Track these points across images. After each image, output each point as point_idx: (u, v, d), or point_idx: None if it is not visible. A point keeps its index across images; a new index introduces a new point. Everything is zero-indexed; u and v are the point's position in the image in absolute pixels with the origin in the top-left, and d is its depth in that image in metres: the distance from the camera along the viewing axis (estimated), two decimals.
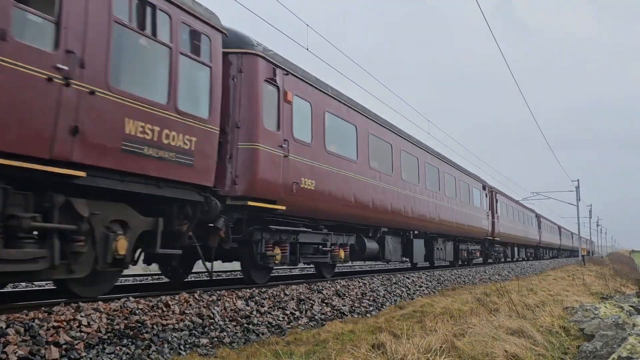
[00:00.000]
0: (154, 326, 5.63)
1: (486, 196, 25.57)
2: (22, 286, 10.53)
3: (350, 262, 13.39)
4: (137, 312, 5.80)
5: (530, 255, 41.38)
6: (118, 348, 5.00)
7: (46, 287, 10.24)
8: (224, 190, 8.27)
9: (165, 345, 5.40)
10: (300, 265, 11.72)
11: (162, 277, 12.85)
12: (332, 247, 11.47)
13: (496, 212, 26.91)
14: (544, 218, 46.56)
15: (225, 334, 6.22)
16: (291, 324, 7.34)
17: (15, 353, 4.30)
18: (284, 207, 9.35)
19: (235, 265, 17.87)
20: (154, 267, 11.16)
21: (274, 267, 10.20)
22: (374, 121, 13.48)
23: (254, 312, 7.16)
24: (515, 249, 35.10)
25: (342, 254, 11.90)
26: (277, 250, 9.60)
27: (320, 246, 11.07)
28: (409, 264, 18.47)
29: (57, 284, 6.76)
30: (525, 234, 36.08)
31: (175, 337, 5.63)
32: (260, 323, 6.90)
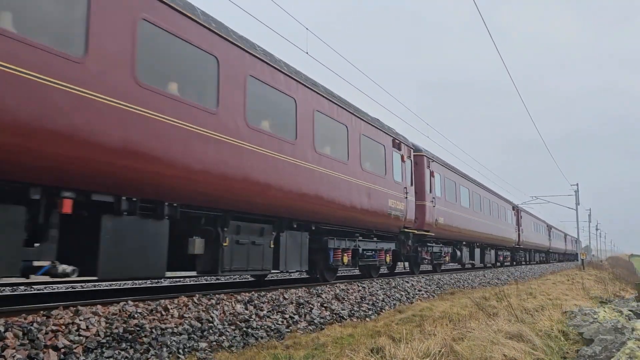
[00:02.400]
0: (153, 330, 5.62)
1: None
2: (21, 289, 10.51)
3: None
4: (136, 315, 5.80)
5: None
6: (117, 352, 4.99)
7: (46, 291, 10.23)
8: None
9: (164, 349, 5.39)
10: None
11: (161, 281, 12.86)
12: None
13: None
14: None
15: (224, 337, 6.21)
16: (290, 327, 7.33)
17: (14, 357, 4.29)
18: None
19: None
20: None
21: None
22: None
23: (253, 316, 7.15)
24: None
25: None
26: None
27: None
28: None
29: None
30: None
31: (174, 340, 5.62)
32: (259, 327, 6.89)
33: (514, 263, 34.99)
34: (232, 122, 7.86)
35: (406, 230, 14.97)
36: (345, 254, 11.75)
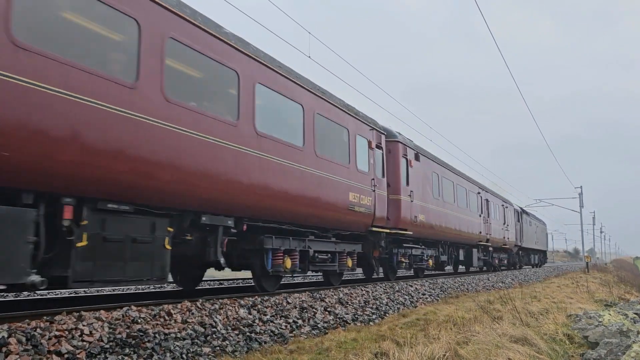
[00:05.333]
0: (156, 335, 5.61)
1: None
2: (24, 295, 10.52)
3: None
4: (139, 320, 5.79)
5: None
6: (120, 357, 4.98)
7: (49, 296, 10.24)
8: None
9: (168, 354, 5.38)
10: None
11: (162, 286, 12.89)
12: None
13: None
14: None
15: (227, 342, 6.19)
16: (294, 332, 7.31)
17: None
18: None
19: (237, 274, 17.85)
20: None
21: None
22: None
23: (257, 321, 7.14)
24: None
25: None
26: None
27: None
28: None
29: None
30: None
31: (178, 346, 5.61)
32: (262, 331, 6.87)
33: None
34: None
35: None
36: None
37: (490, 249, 25.92)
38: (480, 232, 23.18)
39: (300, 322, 7.75)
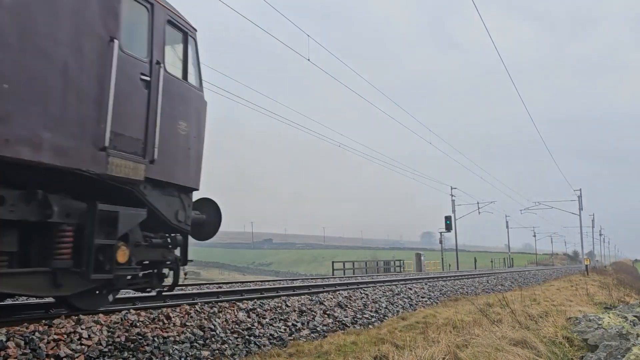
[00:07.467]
0: (155, 338, 5.60)
1: None
2: (23, 298, 10.49)
3: None
4: (137, 324, 5.78)
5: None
6: None
7: (47, 300, 10.19)
8: None
9: (167, 358, 5.36)
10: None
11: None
12: None
13: None
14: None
15: (226, 346, 6.18)
16: (293, 335, 7.30)
17: None
18: None
19: (237, 277, 17.81)
20: None
21: None
22: None
23: (255, 324, 7.13)
24: None
25: None
26: None
27: None
28: None
29: None
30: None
31: (177, 349, 5.60)
32: (261, 335, 6.86)
33: None
34: None
35: None
36: None
37: None
38: None
39: (299, 325, 7.74)
